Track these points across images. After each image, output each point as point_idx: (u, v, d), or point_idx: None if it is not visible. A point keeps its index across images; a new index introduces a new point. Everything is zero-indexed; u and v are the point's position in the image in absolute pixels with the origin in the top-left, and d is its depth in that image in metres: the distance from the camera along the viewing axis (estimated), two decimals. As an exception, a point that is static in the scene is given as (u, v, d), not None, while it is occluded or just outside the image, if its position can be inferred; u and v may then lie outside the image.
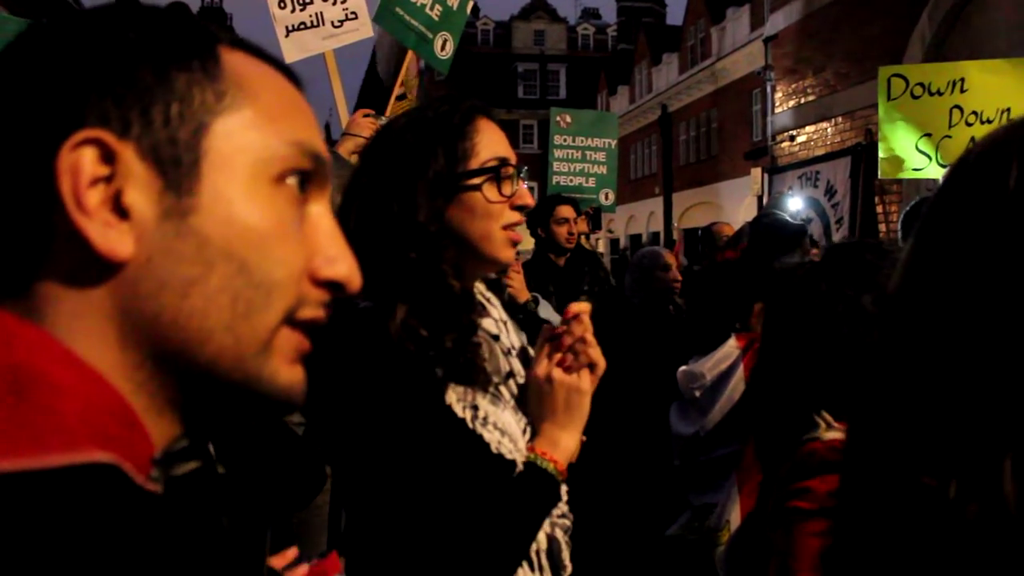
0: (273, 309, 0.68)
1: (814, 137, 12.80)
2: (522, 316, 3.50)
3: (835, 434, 1.57)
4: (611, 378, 1.67)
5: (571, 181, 7.93)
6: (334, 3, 4.39)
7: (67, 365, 0.62)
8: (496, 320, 1.60)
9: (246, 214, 0.67)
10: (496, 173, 1.51)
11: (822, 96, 12.61)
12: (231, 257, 0.66)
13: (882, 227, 11.09)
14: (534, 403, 1.51)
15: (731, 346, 3.22)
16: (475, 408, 1.40)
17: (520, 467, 1.45)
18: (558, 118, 8.26)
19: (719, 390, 3.19)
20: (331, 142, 4.00)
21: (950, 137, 6.18)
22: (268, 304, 0.68)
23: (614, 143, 8.30)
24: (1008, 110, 6.00)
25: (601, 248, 33.75)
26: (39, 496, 0.54)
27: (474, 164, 1.50)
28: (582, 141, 8.09)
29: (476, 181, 1.49)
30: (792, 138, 13.36)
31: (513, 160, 1.56)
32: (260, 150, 0.69)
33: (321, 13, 4.37)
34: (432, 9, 5.00)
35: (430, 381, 1.38)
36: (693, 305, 4.63)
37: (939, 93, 6.29)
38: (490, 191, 1.50)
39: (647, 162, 34.80)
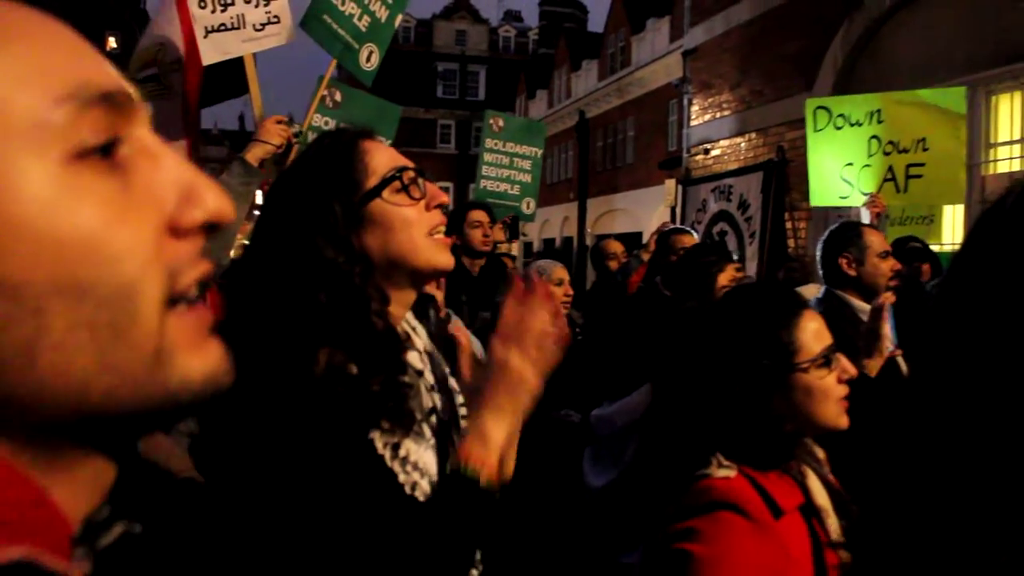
0: (144, 312, 0.54)
1: (728, 151, 13.07)
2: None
3: (727, 472, 1.57)
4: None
5: (497, 187, 7.83)
6: (256, 5, 4.27)
7: None
8: (421, 352, 1.55)
9: (48, 227, 0.50)
10: (399, 180, 1.47)
11: (737, 111, 12.88)
12: (60, 288, 0.50)
13: (791, 242, 11.39)
14: (479, 382, 1.38)
15: (645, 393, 3.13)
16: (396, 447, 1.33)
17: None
18: (491, 121, 8.05)
19: (631, 439, 3.10)
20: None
21: (869, 166, 6.44)
22: (135, 310, 0.54)
23: (540, 153, 8.21)
24: (923, 140, 6.25)
25: (515, 251, 33.76)
26: None
27: (373, 182, 1.45)
28: (512, 147, 7.98)
29: (383, 194, 1.45)
30: (707, 151, 13.62)
31: (412, 166, 1.52)
32: (26, 129, 0.51)
33: (243, 15, 4.24)
34: (360, 20, 4.95)
35: (352, 419, 1.30)
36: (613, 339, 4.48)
37: (859, 124, 6.54)
38: (400, 199, 1.46)
39: (563, 167, 35.02)
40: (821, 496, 1.65)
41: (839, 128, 6.65)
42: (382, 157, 1.49)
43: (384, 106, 5.68)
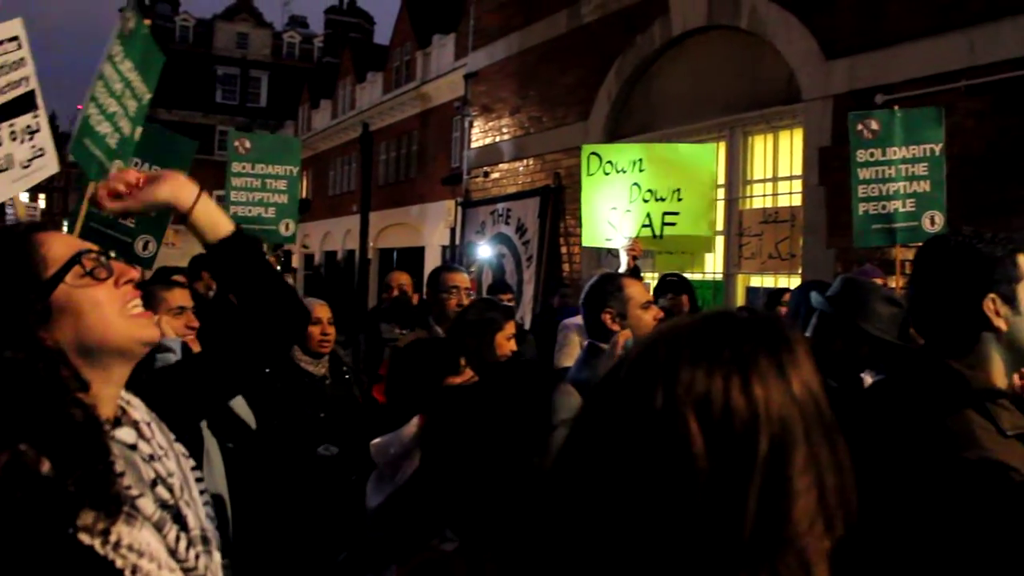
0: None
1: (507, 175, 13.31)
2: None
3: (451, 546, 1.58)
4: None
5: (250, 212, 7.44)
6: (22, 142, 4.07)
7: None
8: (139, 422, 1.50)
9: None
10: (80, 264, 1.42)
11: (516, 137, 13.14)
12: None
13: (566, 267, 11.73)
14: None
15: (414, 424, 3.17)
16: (105, 533, 1.27)
17: None
18: (236, 143, 7.59)
19: (401, 468, 3.16)
20: None
21: (630, 211, 6.75)
22: None
23: (296, 170, 7.81)
24: (679, 190, 6.63)
25: (295, 263, 33.02)
26: None
27: (53, 271, 1.40)
28: (263, 168, 7.57)
29: (67, 279, 1.40)
30: (486, 174, 13.82)
31: (94, 248, 1.48)
32: None
33: (11, 155, 4.02)
34: (111, 138, 5.03)
35: (40, 519, 1.22)
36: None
37: (623, 171, 6.86)
38: (85, 282, 1.42)
39: (346, 179, 34.62)
40: None
41: (607, 174, 6.98)
42: (59, 246, 1.44)
43: (176, 140, 5.95)
